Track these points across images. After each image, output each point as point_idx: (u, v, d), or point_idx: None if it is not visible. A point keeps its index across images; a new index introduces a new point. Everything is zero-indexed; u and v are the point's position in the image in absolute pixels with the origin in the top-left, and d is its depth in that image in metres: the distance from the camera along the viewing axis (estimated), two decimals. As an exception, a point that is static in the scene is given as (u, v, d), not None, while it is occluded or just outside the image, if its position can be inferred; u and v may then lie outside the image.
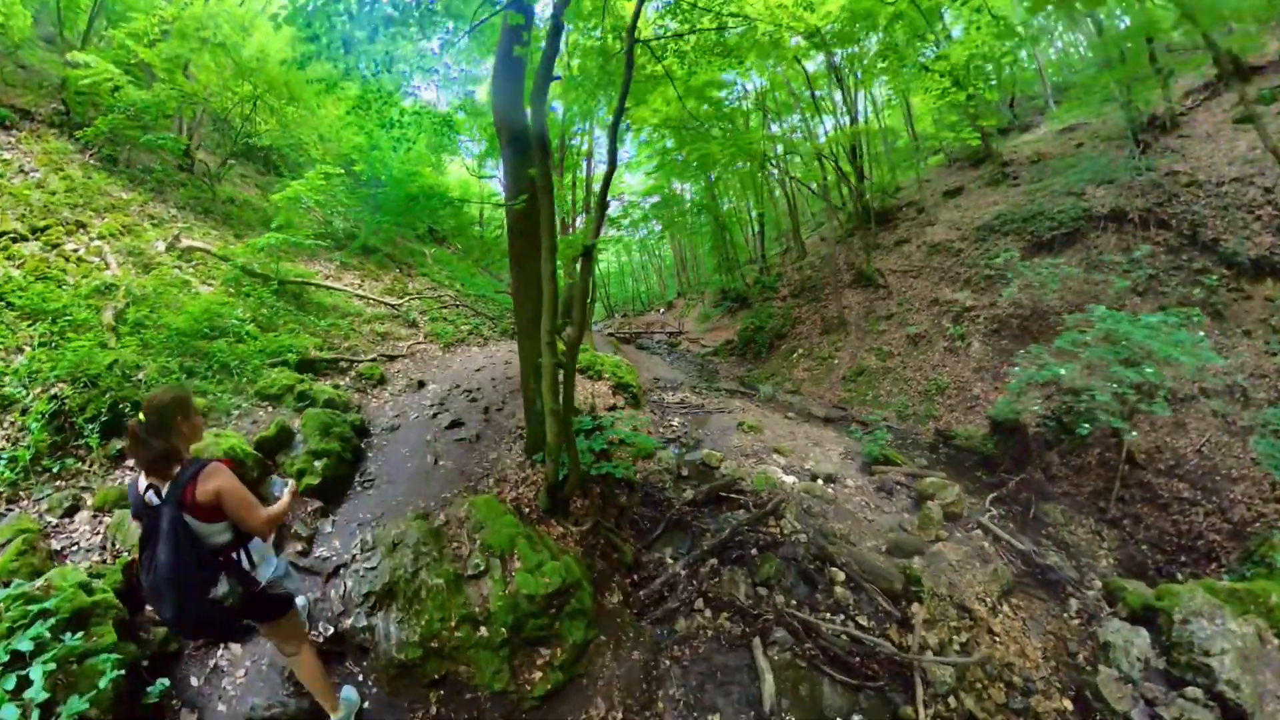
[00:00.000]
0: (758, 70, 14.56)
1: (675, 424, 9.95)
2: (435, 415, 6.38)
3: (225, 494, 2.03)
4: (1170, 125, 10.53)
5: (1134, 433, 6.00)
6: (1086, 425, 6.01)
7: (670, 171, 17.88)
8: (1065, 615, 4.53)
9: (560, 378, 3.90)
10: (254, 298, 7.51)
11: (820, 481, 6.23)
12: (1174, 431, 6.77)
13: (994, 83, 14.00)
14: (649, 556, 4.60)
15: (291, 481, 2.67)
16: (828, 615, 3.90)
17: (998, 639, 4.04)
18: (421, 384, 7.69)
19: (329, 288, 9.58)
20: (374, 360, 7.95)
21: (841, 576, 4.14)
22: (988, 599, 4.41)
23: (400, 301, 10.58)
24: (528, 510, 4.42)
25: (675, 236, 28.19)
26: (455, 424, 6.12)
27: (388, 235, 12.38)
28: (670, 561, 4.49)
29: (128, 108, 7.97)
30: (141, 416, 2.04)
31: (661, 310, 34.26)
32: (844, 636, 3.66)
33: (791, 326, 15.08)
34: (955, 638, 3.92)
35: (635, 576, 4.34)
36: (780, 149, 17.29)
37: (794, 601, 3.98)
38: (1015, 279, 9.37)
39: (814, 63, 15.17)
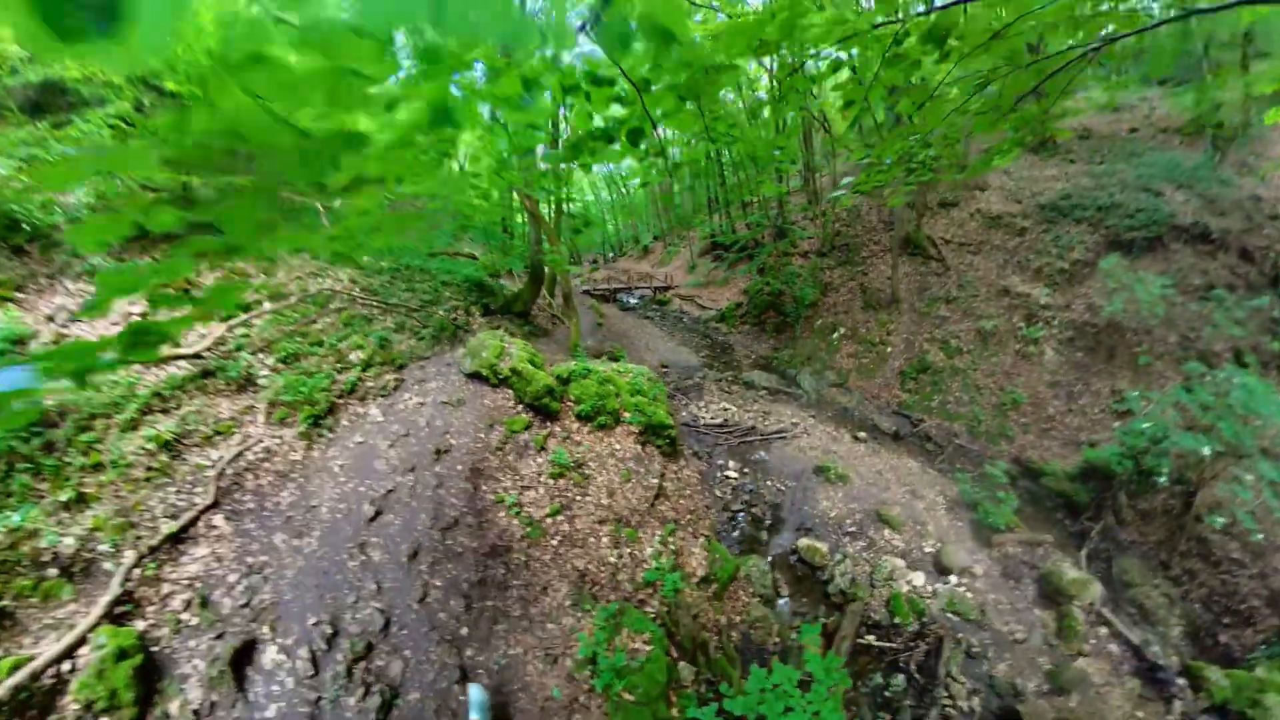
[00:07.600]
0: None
1: (731, 472, 8.32)
2: None
3: None
4: (1239, 134, 10.15)
5: (1260, 535, 7.03)
6: (1220, 519, 7.05)
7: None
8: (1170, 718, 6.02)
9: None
10: None
11: (954, 579, 7.21)
12: (1233, 488, 7.99)
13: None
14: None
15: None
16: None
17: (1146, 773, 5.45)
18: (238, 687, 3.43)
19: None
20: (101, 635, 3.46)
21: (1048, 763, 5.25)
22: (1129, 725, 5.77)
23: (220, 338, 5.49)
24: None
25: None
26: None
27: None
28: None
29: None
30: None
31: (627, 255, 32.12)
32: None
33: (822, 295, 14.62)
34: (1127, 790, 5.27)
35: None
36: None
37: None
38: (1119, 292, 9.18)
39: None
